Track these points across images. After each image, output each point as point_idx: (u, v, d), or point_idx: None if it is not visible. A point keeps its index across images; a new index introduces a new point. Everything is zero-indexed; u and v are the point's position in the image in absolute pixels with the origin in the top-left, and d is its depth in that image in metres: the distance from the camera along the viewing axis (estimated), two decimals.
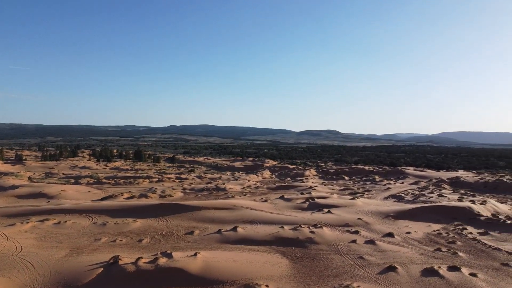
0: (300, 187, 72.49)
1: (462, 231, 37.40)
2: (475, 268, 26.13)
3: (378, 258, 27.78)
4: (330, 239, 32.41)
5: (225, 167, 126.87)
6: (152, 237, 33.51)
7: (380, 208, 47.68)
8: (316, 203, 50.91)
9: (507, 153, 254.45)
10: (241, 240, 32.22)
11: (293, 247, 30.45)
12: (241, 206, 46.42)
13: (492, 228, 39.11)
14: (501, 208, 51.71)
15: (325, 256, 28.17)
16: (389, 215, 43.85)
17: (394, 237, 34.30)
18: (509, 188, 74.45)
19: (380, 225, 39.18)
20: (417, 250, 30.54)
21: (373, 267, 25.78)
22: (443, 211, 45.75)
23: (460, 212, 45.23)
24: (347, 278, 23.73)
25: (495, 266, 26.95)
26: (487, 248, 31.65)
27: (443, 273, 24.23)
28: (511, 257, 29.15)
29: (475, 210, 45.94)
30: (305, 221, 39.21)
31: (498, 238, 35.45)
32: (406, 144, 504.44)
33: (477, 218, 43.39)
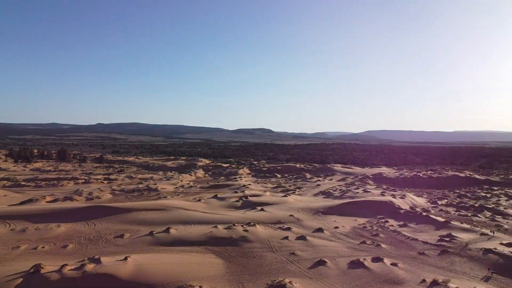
0: (233, 185, 72.91)
1: (385, 224, 40.07)
2: (395, 258, 28.12)
3: (309, 253, 28.82)
4: (263, 237, 32.99)
5: (157, 166, 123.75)
6: (79, 242, 31.72)
7: (311, 205, 49.47)
8: (249, 201, 51.52)
9: (423, 150, 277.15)
10: (174, 242, 31.64)
11: (227, 246, 30.55)
12: (174, 206, 45.59)
13: (410, 220, 42.35)
14: (418, 201, 56.22)
15: (258, 254, 28.63)
16: (319, 211, 45.66)
17: (323, 232, 35.80)
18: (425, 183, 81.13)
19: (311, 221, 40.67)
20: (345, 244, 32.18)
21: (304, 262, 26.69)
22: (367, 206, 48.64)
23: (382, 206, 48.39)
24: (280, 274, 24.32)
25: (412, 255, 29.22)
26: (406, 239, 34.23)
27: (368, 264, 25.76)
28: (426, 246, 31.81)
29: (395, 204, 49.45)
30: (238, 219, 39.52)
31: (416, 229, 38.46)
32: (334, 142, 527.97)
33: (397, 211, 46.72)
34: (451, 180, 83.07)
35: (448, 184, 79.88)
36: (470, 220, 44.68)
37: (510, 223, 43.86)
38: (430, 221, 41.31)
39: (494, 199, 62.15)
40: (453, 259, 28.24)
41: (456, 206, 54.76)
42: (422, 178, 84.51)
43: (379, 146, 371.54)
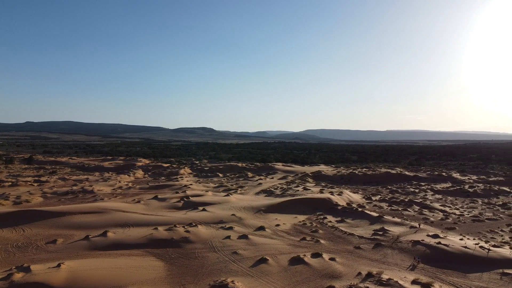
0: (174, 186, 71.59)
1: (323, 220, 41.54)
2: (334, 253, 29.25)
3: (250, 251, 29.08)
4: (205, 237, 32.77)
5: (93, 167, 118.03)
6: (5, 250, 29.44)
7: (253, 203, 49.93)
8: (191, 201, 50.90)
9: (359, 148, 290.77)
10: (111, 245, 30.42)
11: (168, 248, 29.95)
12: (111, 209, 43.82)
13: (347, 216, 44.29)
14: (354, 198, 58.86)
15: (200, 255, 28.39)
16: (260, 210, 46.23)
17: (265, 230, 36.32)
18: (360, 180, 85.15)
19: (253, 220, 41.05)
20: (285, 241, 32.89)
21: (246, 261, 26.89)
22: (307, 203, 50.09)
23: (321, 203, 50.10)
24: (222, 274, 24.31)
25: (349, 250, 30.59)
26: (343, 234, 35.75)
27: (308, 260, 26.55)
28: (362, 240, 33.45)
29: (333, 201, 51.42)
30: (180, 220, 38.90)
31: (352, 225, 40.29)
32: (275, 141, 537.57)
33: (335, 207, 48.64)
34: (384, 176, 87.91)
35: (381, 180, 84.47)
36: (401, 214, 47.67)
37: (435, 216, 47.40)
38: (365, 216, 43.51)
39: (422, 194, 66.79)
40: (386, 251, 29.94)
41: (388, 201, 58.13)
42: (358, 175, 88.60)
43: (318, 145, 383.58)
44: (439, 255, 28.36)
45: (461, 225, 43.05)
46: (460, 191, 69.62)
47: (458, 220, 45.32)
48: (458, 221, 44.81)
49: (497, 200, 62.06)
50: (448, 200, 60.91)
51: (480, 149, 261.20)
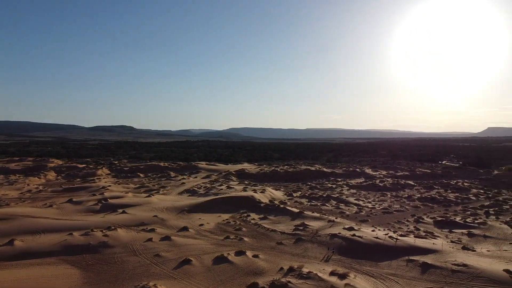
0: (91, 187, 67.65)
1: (247, 218, 42.13)
2: (257, 250, 29.80)
3: (174, 253, 28.53)
4: (125, 241, 31.43)
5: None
6: None
7: (176, 204, 49.01)
8: (109, 204, 48.48)
9: (281, 146, 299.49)
10: (20, 255, 27.86)
11: (84, 254, 28.21)
12: (19, 214, 40.13)
13: (270, 213, 45.40)
14: (276, 195, 60.52)
15: (120, 259, 27.18)
16: (184, 210, 45.54)
17: (188, 231, 35.85)
18: (282, 177, 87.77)
19: (176, 220, 40.30)
20: (209, 240, 32.79)
21: (169, 263, 26.33)
22: (231, 201, 50.42)
23: (245, 201, 50.75)
24: (144, 278, 23.54)
25: (272, 246, 31.39)
26: (266, 230, 36.58)
27: (232, 258, 26.74)
28: (284, 236, 34.51)
29: (256, 198, 52.36)
30: (97, 224, 36.86)
31: (274, 221, 41.39)
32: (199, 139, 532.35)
33: (258, 205, 49.57)
34: (304, 173, 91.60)
35: (301, 177, 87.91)
36: (320, 209, 50.06)
37: (350, 210, 50.57)
38: (287, 213, 44.96)
39: (339, 189, 70.77)
40: (306, 245, 31.23)
41: (308, 197, 60.68)
42: (280, 173, 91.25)
43: (242, 143, 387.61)
44: (354, 247, 30.27)
45: (373, 217, 46.47)
46: (372, 185, 75.01)
47: (371, 213, 48.84)
48: (371, 214, 48.31)
49: (403, 193, 67.95)
50: (361, 195, 65.27)
51: (389, 146, 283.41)
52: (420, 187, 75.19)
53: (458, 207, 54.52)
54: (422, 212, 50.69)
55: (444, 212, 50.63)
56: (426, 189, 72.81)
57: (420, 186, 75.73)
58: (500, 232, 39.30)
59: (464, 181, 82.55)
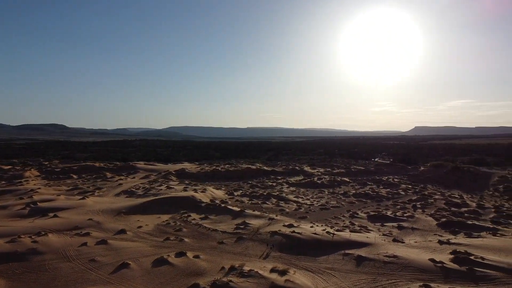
0: (18, 190, 62.98)
1: (187, 218, 41.55)
2: (198, 250, 29.52)
3: (110, 257, 27.40)
4: (57, 246, 29.63)
5: None
6: None
7: (112, 206, 47.15)
8: (39, 207, 45.44)
9: (222, 145, 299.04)
10: None
11: (11, 263, 26.13)
12: None
13: (211, 212, 45.16)
14: (217, 194, 60.35)
15: (52, 266, 25.58)
16: (121, 212, 43.91)
17: (126, 233, 34.63)
18: (223, 176, 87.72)
19: (113, 223, 38.75)
20: (148, 243, 31.92)
21: (105, 268, 25.26)
22: (171, 202, 49.46)
23: (185, 201, 50.04)
24: (78, 285, 22.38)
25: (213, 246, 31.26)
26: (207, 230, 36.35)
27: (172, 260, 26.24)
28: (225, 235, 34.51)
29: (197, 198, 51.86)
30: (25, 230, 34.38)
31: (215, 220, 41.25)
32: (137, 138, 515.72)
33: (199, 205, 49.11)
34: (245, 172, 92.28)
35: (242, 176, 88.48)
36: (260, 207, 50.71)
37: (290, 207, 51.77)
38: (228, 212, 45.00)
39: (279, 187, 72.19)
40: (247, 244, 31.47)
41: (249, 195, 61.21)
42: (221, 172, 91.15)
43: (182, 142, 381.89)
44: (293, 243, 31.03)
45: (312, 213, 47.96)
46: (310, 183, 77.37)
47: (309, 210, 50.34)
48: (309, 211, 49.79)
49: (340, 189, 70.84)
50: (300, 192, 67.09)
51: (326, 144, 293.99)
52: (355, 183, 78.82)
53: (389, 202, 57.90)
54: (357, 207, 53.21)
55: (376, 207, 53.52)
56: (360, 185, 76.47)
57: (355, 183, 79.40)
58: (426, 224, 42.34)
59: (394, 177, 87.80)
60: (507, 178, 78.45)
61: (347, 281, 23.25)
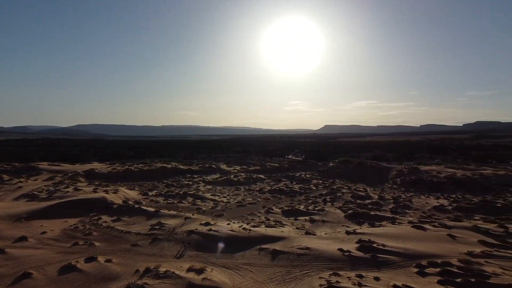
0: None
1: (98, 221, 39.27)
2: (110, 254, 28.09)
3: (10, 267, 24.89)
4: None
5: None
6: None
7: (10, 211, 42.80)
8: None
9: (135, 143, 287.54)
10: None
11: None
12: None
13: (123, 214, 43.19)
14: (130, 195, 57.97)
15: None
16: (21, 217, 40.06)
17: (28, 240, 31.73)
18: (137, 176, 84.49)
19: (11, 230, 35.19)
20: (54, 249, 29.59)
21: (4, 280, 22.87)
22: (79, 204, 46.35)
23: (95, 203, 47.25)
24: None
25: (127, 248, 29.99)
26: (120, 233, 34.74)
27: (81, 266, 24.65)
28: (139, 237, 33.30)
29: (108, 199, 49.28)
30: None
31: (129, 222, 39.57)
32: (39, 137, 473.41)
33: (111, 206, 46.72)
34: (160, 171, 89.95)
35: (157, 175, 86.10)
36: (176, 207, 49.84)
37: (207, 205, 51.67)
38: (142, 212, 43.45)
39: (195, 186, 71.59)
40: (163, 244, 30.74)
41: (164, 195, 59.77)
42: (134, 171, 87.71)
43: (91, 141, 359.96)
44: (210, 241, 31.03)
45: (228, 211, 48.38)
46: (227, 180, 77.97)
47: (226, 207, 50.73)
48: (226, 208, 50.18)
49: (256, 186, 72.48)
50: (217, 190, 67.26)
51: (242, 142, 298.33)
52: (270, 180, 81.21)
53: (302, 197, 60.69)
54: (272, 203, 54.89)
55: (290, 202, 55.76)
56: (275, 182, 79.01)
57: (270, 179, 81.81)
58: (335, 216, 45.18)
59: (306, 173, 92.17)
60: (403, 172, 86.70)
61: (263, 275, 23.90)
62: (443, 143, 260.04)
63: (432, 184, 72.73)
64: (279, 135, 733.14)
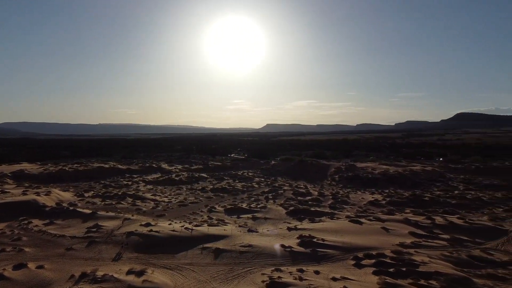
0: None
1: (28, 225, 36.75)
2: (42, 260, 26.44)
3: None
4: None
5: None
6: None
7: None
8: None
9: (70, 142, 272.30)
10: None
11: None
12: None
13: (57, 217, 40.78)
14: (64, 196, 54.90)
15: None
16: None
17: None
18: (71, 176, 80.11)
19: None
20: None
21: None
22: (6, 208, 43.05)
23: (25, 206, 44.18)
24: None
25: (60, 253, 28.37)
26: (53, 237, 32.79)
27: (9, 274, 22.94)
28: (74, 240, 31.63)
29: (40, 202, 46.30)
30: None
31: (63, 225, 37.44)
32: None
33: (42, 209, 43.91)
34: (97, 171, 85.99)
35: (94, 175, 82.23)
36: (115, 208, 47.98)
37: (147, 206, 50.29)
38: (77, 215, 41.31)
39: (135, 186, 69.32)
40: (100, 247, 29.47)
41: (102, 196, 57.22)
42: (69, 172, 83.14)
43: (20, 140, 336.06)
44: (151, 242, 30.28)
45: (170, 211, 47.47)
46: (168, 180, 76.35)
47: (167, 207, 49.72)
48: (167, 208, 49.18)
49: (198, 185, 71.72)
50: (158, 190, 65.65)
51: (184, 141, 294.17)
52: (212, 178, 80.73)
53: (244, 195, 61.03)
54: (214, 202, 54.64)
55: (233, 200, 55.84)
56: (218, 180, 78.69)
57: (212, 178, 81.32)
58: (276, 213, 45.98)
59: (249, 171, 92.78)
60: (341, 169, 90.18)
61: (205, 274, 23.75)
62: (378, 142, 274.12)
63: (368, 180, 76.37)
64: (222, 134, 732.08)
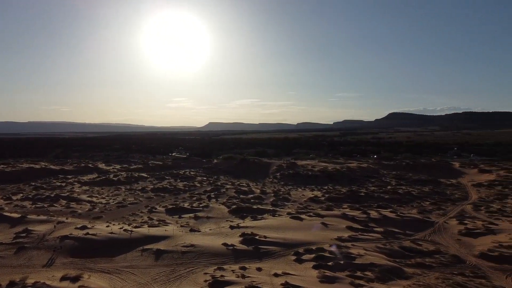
0: None
1: None
2: None
3: None
4: None
5: None
6: None
7: None
8: None
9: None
10: None
11: None
12: None
13: None
14: None
15: None
16: None
17: None
18: None
19: None
20: None
21: None
22: None
23: None
24: None
25: None
26: None
27: None
28: (1, 247, 29.16)
29: None
30: None
31: None
32: None
33: None
34: (26, 172, 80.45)
35: (23, 177, 76.79)
36: (47, 211, 45.14)
37: (83, 208, 47.89)
38: (4, 219, 38.29)
39: (69, 187, 65.74)
40: (31, 253, 27.60)
41: (32, 199, 53.63)
42: None
43: None
44: (88, 246, 28.88)
45: (108, 212, 45.56)
46: (106, 180, 73.28)
47: (105, 209, 47.68)
48: (105, 210, 47.16)
49: (138, 185, 69.60)
50: (95, 191, 62.80)
51: (122, 140, 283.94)
52: (153, 178, 78.72)
53: (186, 194, 60.19)
54: (155, 202, 53.32)
55: (174, 200, 54.87)
56: (159, 180, 76.88)
57: (153, 178, 79.29)
58: (219, 212, 45.89)
59: (191, 171, 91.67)
60: (282, 167, 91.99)
61: (146, 277, 23.13)
62: (317, 140, 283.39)
63: (308, 178, 78.64)
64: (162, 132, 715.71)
